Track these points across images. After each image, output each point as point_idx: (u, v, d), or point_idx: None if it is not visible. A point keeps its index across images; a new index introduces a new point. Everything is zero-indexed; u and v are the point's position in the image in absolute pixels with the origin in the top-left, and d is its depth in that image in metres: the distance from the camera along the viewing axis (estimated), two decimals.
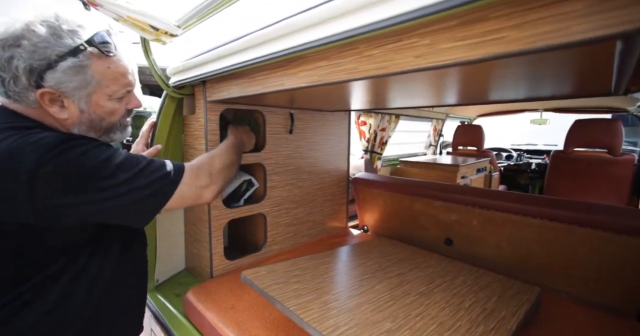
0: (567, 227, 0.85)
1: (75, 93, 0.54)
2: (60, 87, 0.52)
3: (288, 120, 1.17)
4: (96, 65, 0.54)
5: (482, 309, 0.67)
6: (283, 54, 0.55)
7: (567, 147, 2.22)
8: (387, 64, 0.45)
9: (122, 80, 0.59)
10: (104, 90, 0.57)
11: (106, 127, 0.61)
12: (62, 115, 0.55)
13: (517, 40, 0.30)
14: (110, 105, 0.59)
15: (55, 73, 0.50)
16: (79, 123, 0.57)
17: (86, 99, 0.55)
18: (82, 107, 0.56)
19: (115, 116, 0.61)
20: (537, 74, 0.57)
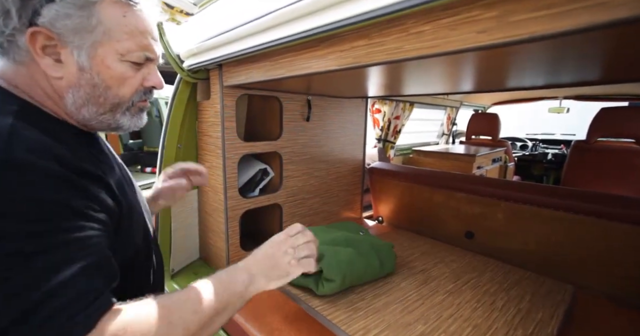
0: (605, 223, 0.79)
1: (75, 40, 0.41)
2: (55, 25, 0.40)
3: (305, 107, 1.12)
4: (108, 7, 0.42)
5: (517, 310, 0.64)
6: (314, 32, 0.49)
7: (591, 137, 2.12)
8: (439, 42, 0.39)
9: (141, 40, 0.45)
10: (114, 45, 0.43)
11: (113, 102, 0.46)
12: (55, 72, 0.42)
13: (628, 4, 0.24)
14: (121, 68, 0.45)
15: (53, 6, 0.39)
16: (76, 86, 0.43)
17: (89, 51, 0.42)
18: (83, 63, 0.43)
19: (126, 88, 0.47)
20: (562, 57, 0.51)
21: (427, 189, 1.21)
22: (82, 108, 0.45)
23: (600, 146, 2.14)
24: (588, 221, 0.84)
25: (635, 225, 0.77)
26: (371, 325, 0.55)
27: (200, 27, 0.83)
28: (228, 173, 0.93)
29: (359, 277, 0.70)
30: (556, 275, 0.83)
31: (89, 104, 0.45)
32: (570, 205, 0.87)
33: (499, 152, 2.52)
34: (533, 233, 0.96)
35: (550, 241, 0.92)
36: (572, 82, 0.83)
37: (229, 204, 0.95)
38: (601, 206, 0.83)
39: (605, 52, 0.47)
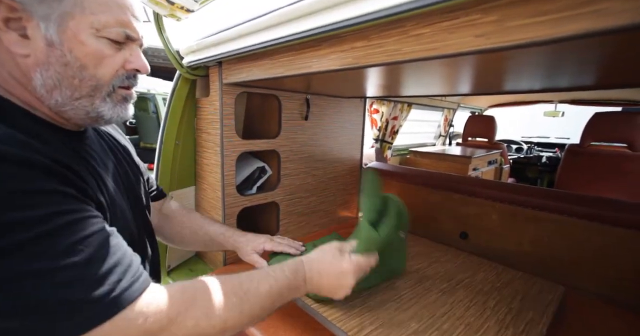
0: (597, 226, 0.81)
1: (40, 9, 0.36)
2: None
3: (304, 105, 1.12)
4: None
5: (509, 309, 0.65)
6: (315, 32, 0.50)
7: (584, 141, 2.15)
8: (438, 45, 0.40)
9: (119, 14, 0.41)
10: (87, 18, 0.39)
11: (90, 85, 0.41)
12: (21, 48, 0.37)
13: (623, 13, 0.25)
14: (97, 45, 0.40)
15: None
16: (44, 64, 0.38)
17: (58, 23, 0.37)
18: (52, 37, 0.38)
19: (104, 68, 0.42)
20: (559, 63, 0.52)
21: (423, 190, 1.23)
22: (54, 91, 0.40)
23: (593, 150, 2.17)
24: (580, 224, 0.86)
25: (626, 228, 0.78)
26: (366, 322, 0.56)
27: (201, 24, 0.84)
28: (226, 171, 0.93)
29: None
30: (549, 276, 0.85)
31: (61, 86, 0.40)
32: (563, 207, 0.88)
33: (495, 154, 2.55)
34: (526, 234, 0.97)
35: (543, 242, 0.94)
36: (568, 86, 0.84)
37: (226, 201, 0.95)
38: (593, 209, 0.84)
39: (602, 58, 0.48)
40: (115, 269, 0.35)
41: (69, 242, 0.33)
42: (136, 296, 0.35)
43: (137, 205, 0.58)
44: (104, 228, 0.37)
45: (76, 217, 0.35)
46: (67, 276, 0.32)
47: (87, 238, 0.34)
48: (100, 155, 0.50)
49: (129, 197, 0.55)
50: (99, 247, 0.35)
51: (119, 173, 0.54)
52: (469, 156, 2.18)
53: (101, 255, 0.35)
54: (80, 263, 0.33)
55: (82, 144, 0.47)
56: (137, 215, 0.56)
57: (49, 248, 0.31)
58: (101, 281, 0.33)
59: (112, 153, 0.56)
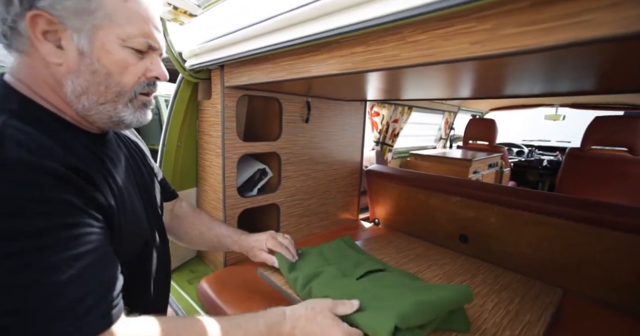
0: (596, 230, 0.81)
1: (75, 22, 0.40)
2: (56, 7, 0.39)
3: (304, 108, 1.13)
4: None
5: (506, 311, 0.65)
6: (315, 38, 0.51)
7: (585, 145, 2.15)
8: (434, 51, 0.41)
9: (142, 26, 0.44)
10: (115, 30, 0.42)
11: (114, 91, 0.45)
12: (56, 58, 0.41)
13: (608, 24, 0.26)
14: (122, 54, 0.43)
15: None
16: (75, 72, 0.42)
17: (89, 34, 0.41)
18: (83, 47, 0.41)
19: (127, 76, 0.45)
20: (558, 68, 0.53)
21: (423, 192, 1.23)
22: (82, 97, 0.43)
23: (594, 154, 2.17)
24: (579, 227, 0.86)
25: (625, 232, 0.79)
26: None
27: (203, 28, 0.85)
28: (227, 173, 0.94)
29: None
30: (547, 279, 0.85)
31: (88, 92, 0.43)
32: (562, 211, 0.89)
33: (496, 157, 2.55)
34: (525, 237, 0.97)
35: (542, 246, 0.94)
36: (568, 91, 0.85)
37: (227, 203, 0.96)
38: (592, 213, 0.85)
39: (600, 64, 0.48)
40: (87, 298, 0.34)
41: (59, 258, 0.33)
42: (104, 328, 0.35)
43: (151, 205, 0.59)
44: (97, 248, 0.37)
45: (74, 232, 0.35)
46: (46, 293, 0.32)
47: (76, 258, 0.34)
48: (117, 157, 0.52)
49: (143, 197, 0.57)
50: (83, 268, 0.35)
51: (134, 175, 0.56)
52: (469, 159, 2.19)
53: (81, 280, 0.34)
54: (56, 283, 0.32)
55: (101, 147, 0.49)
56: (150, 215, 0.58)
57: (39, 261, 0.32)
58: (75, 306, 0.33)
59: (129, 155, 0.58)
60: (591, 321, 0.72)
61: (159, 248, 0.59)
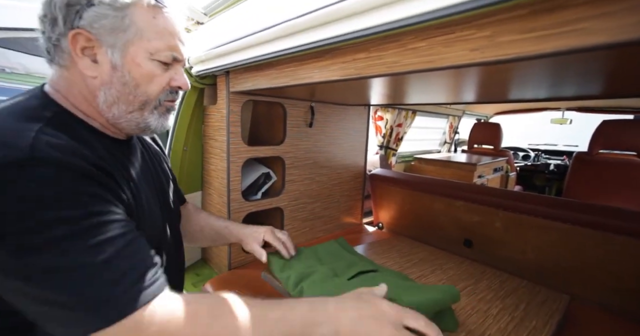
0: (603, 235, 0.80)
1: (110, 39, 0.44)
2: (94, 26, 0.43)
3: (308, 113, 1.15)
4: (140, 9, 0.45)
5: (511, 317, 0.65)
6: (318, 45, 0.52)
7: (592, 149, 2.13)
8: (434, 58, 0.42)
9: (169, 40, 0.48)
10: (144, 44, 0.46)
11: (141, 100, 0.49)
12: (92, 71, 0.45)
13: (601, 32, 0.26)
14: (150, 66, 0.48)
15: (92, 9, 0.43)
16: (108, 84, 0.46)
17: (122, 50, 0.45)
18: (116, 61, 0.46)
19: (154, 86, 0.49)
20: (564, 74, 0.53)
21: (427, 196, 1.23)
22: (113, 106, 0.47)
23: (601, 158, 2.14)
24: (586, 232, 0.85)
25: (632, 237, 0.78)
26: None
27: (210, 36, 0.87)
28: (232, 177, 0.95)
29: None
30: (553, 285, 0.84)
31: (119, 102, 0.47)
32: (568, 215, 0.88)
33: (501, 161, 2.53)
34: (531, 242, 0.96)
35: (548, 251, 0.93)
36: (574, 95, 0.85)
37: (231, 206, 0.97)
38: (599, 217, 0.84)
39: (606, 69, 0.49)
40: (132, 272, 0.37)
41: (94, 241, 0.36)
42: (149, 300, 0.37)
43: (167, 209, 0.62)
44: (128, 232, 0.40)
45: (104, 219, 0.38)
46: (87, 274, 0.35)
47: (111, 240, 0.37)
48: (138, 162, 0.56)
49: (160, 200, 0.60)
50: (120, 249, 0.38)
51: (152, 179, 0.60)
52: (474, 163, 2.18)
53: (121, 257, 0.37)
54: (99, 262, 0.35)
55: (124, 151, 0.53)
56: (166, 218, 0.60)
57: (76, 246, 0.35)
58: (116, 283, 0.36)
59: (149, 159, 0.62)
60: (599, 329, 0.71)
61: (173, 250, 0.62)
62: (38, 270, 0.33)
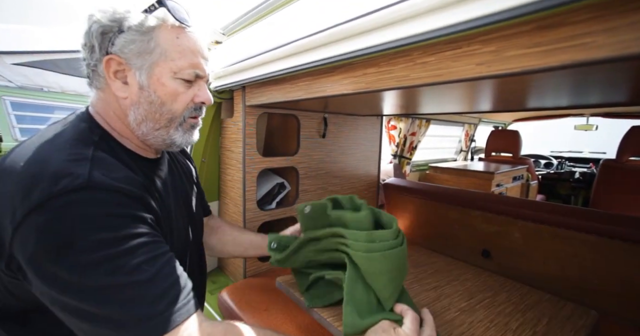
0: (631, 246, 0.77)
1: (137, 62, 0.48)
2: (124, 51, 0.47)
3: (321, 124, 1.17)
4: (164, 31, 0.48)
5: (533, 332, 0.62)
6: (330, 61, 0.55)
7: (621, 156, 2.03)
8: (442, 72, 0.43)
9: (192, 58, 0.50)
10: (168, 64, 0.49)
11: (167, 118, 0.51)
12: (123, 93, 0.49)
13: (605, 46, 0.27)
14: (174, 85, 0.50)
15: (121, 36, 0.47)
16: (137, 104, 0.50)
17: (148, 71, 0.48)
18: (143, 82, 0.49)
19: (177, 103, 0.51)
20: (585, 82, 0.52)
21: (442, 206, 1.21)
22: (142, 124, 0.51)
23: (631, 165, 2.04)
24: (613, 244, 0.81)
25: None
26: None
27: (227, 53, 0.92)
28: (247, 187, 0.98)
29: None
30: (579, 300, 0.80)
31: (147, 120, 0.51)
32: (593, 226, 0.84)
33: (521, 169, 2.45)
34: (553, 254, 0.93)
35: (573, 263, 0.89)
36: (599, 103, 0.82)
37: (247, 216, 0.99)
38: (627, 228, 0.80)
39: (633, 77, 0.48)
40: (170, 291, 0.40)
41: (139, 260, 0.39)
42: (184, 319, 0.40)
43: (192, 220, 0.65)
44: (166, 252, 0.43)
45: (147, 239, 0.41)
46: (133, 293, 0.38)
47: (153, 259, 0.40)
48: (167, 178, 0.60)
49: (185, 212, 0.63)
50: (159, 268, 0.41)
51: (179, 192, 0.63)
52: (492, 172, 2.12)
53: (161, 276, 0.40)
54: (144, 281, 0.38)
55: (154, 169, 0.57)
56: (193, 233, 0.64)
57: (124, 265, 0.38)
58: (157, 301, 0.39)
59: (178, 174, 0.65)
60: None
61: (196, 258, 0.65)
62: (91, 287, 0.36)
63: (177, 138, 0.54)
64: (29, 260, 0.37)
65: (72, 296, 0.36)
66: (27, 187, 0.37)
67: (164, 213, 0.52)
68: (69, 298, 0.36)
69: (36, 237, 0.36)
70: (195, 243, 0.65)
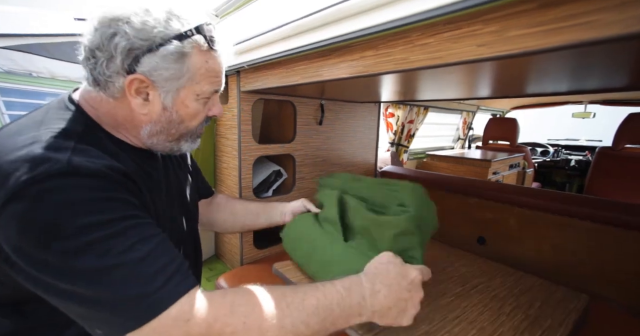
0: (624, 232, 0.78)
1: (165, 85, 0.47)
2: (153, 74, 0.45)
3: (318, 111, 1.15)
4: (196, 56, 0.47)
5: (525, 315, 0.64)
6: (327, 43, 0.53)
7: (617, 143, 2.03)
8: (442, 54, 0.42)
9: (214, 80, 0.51)
10: (193, 87, 0.49)
11: (181, 133, 0.53)
12: (143, 109, 0.48)
13: (614, 24, 0.26)
14: (195, 106, 0.51)
15: (153, 57, 0.44)
16: (156, 122, 0.50)
17: (174, 94, 0.48)
18: (167, 104, 0.48)
19: (195, 121, 0.53)
20: (586, 65, 0.51)
21: (438, 193, 1.21)
22: (154, 137, 0.51)
23: (627, 153, 2.05)
24: (606, 230, 0.82)
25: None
26: (375, 323, 0.57)
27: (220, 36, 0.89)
28: (243, 174, 0.97)
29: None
30: (571, 284, 0.82)
31: (160, 134, 0.51)
32: (587, 212, 0.85)
33: (517, 157, 2.46)
34: (547, 240, 0.94)
35: (565, 249, 0.91)
36: (598, 88, 0.81)
37: None
38: (620, 214, 0.81)
39: (634, 59, 0.46)
40: (166, 268, 0.39)
41: (130, 242, 0.38)
42: (182, 295, 0.38)
43: (185, 208, 0.65)
44: (157, 233, 0.42)
45: (137, 221, 0.40)
46: (126, 273, 0.37)
47: (144, 240, 0.40)
48: (159, 167, 0.59)
49: (179, 201, 0.63)
50: (153, 247, 0.40)
51: (175, 184, 0.63)
52: (488, 159, 2.12)
53: (155, 255, 0.39)
54: (136, 260, 0.38)
55: (145, 159, 0.55)
56: (187, 220, 0.64)
57: (113, 247, 0.37)
58: (153, 278, 0.38)
59: (170, 163, 0.64)
60: (619, 330, 0.69)
61: (191, 247, 0.65)
62: (84, 271, 0.35)
63: (185, 147, 0.56)
64: (14, 250, 0.36)
65: (66, 282, 0.36)
66: (2, 175, 0.36)
67: (154, 201, 0.52)
68: (63, 283, 0.36)
69: (17, 227, 0.35)
70: (189, 231, 0.65)
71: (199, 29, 0.46)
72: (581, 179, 2.79)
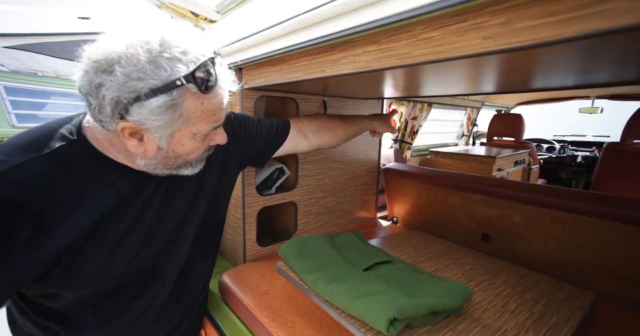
0: (632, 229, 0.76)
1: (158, 131, 0.47)
2: (143, 123, 0.45)
3: (321, 107, 1.15)
4: (189, 102, 0.46)
5: (530, 313, 0.63)
6: (330, 38, 0.52)
7: (625, 139, 2.00)
8: (447, 48, 0.41)
9: (212, 118, 0.50)
10: (189, 129, 0.49)
11: (180, 164, 0.54)
12: (138, 149, 0.49)
13: (630, 12, 0.25)
14: (192, 144, 0.51)
15: (141, 108, 0.43)
16: (151, 158, 0.51)
17: (168, 138, 0.48)
18: (162, 145, 0.49)
19: (193, 155, 0.53)
20: (595, 57, 0.49)
21: (442, 190, 1.20)
22: (150, 167, 0.52)
23: (635, 148, 2.01)
24: (613, 226, 0.81)
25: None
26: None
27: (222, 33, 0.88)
28: (246, 172, 0.97)
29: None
30: (577, 282, 0.81)
31: (158, 166, 0.52)
32: (593, 209, 0.84)
33: (523, 154, 2.43)
34: (552, 237, 0.93)
35: (571, 246, 0.89)
36: (607, 82, 0.79)
37: (246, 201, 0.99)
38: (628, 211, 0.79)
39: (631, 52, 0.45)
40: None
41: None
42: None
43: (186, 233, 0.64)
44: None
45: None
46: None
47: None
48: (161, 187, 0.57)
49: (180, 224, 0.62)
50: None
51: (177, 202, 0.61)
52: (493, 156, 2.10)
53: None
54: None
55: (143, 179, 0.55)
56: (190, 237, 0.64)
57: None
58: None
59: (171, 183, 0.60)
60: (626, 327, 0.68)
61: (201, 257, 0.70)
62: None
63: (187, 172, 0.56)
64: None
65: None
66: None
67: (101, 235, 0.51)
68: None
69: None
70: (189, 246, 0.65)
71: (190, 77, 0.44)
72: (588, 175, 2.75)
